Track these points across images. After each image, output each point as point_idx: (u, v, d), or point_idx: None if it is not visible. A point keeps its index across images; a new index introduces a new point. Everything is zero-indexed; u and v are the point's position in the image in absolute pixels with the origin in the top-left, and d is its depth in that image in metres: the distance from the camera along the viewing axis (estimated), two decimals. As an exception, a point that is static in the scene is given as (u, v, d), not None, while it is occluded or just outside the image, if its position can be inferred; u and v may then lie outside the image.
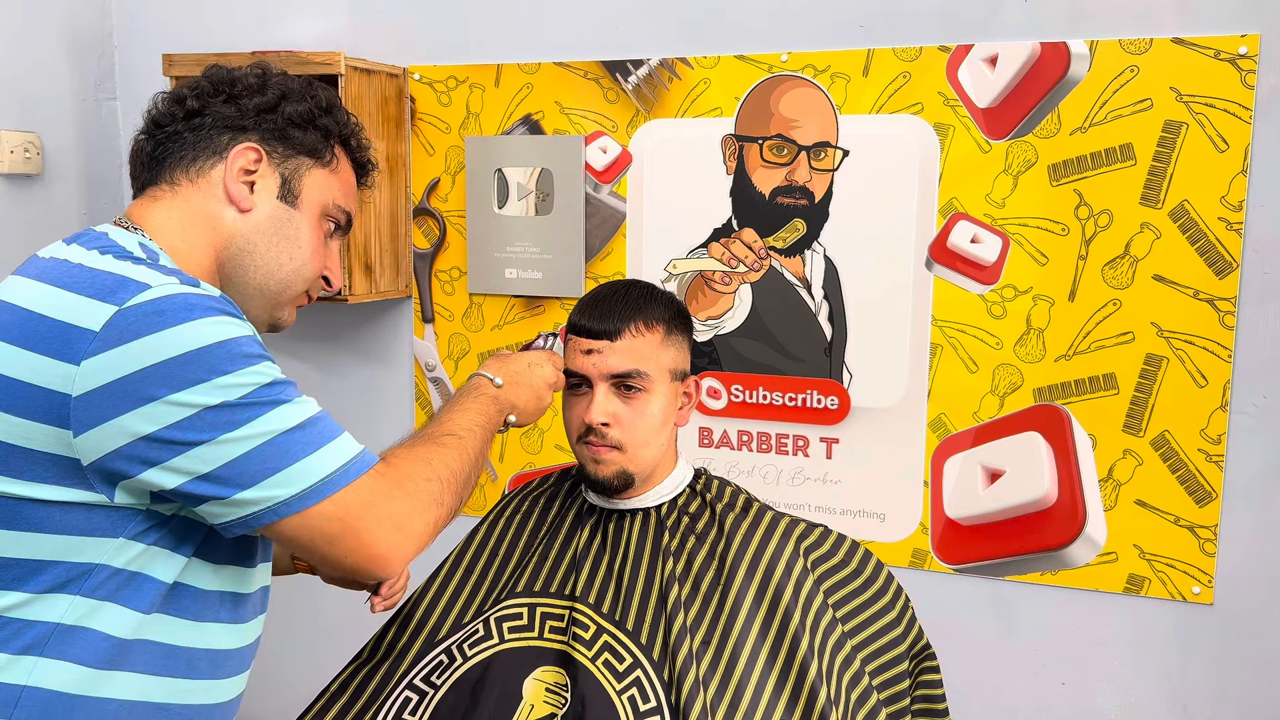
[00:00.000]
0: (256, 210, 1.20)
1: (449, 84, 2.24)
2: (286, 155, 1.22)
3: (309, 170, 1.23)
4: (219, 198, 1.19)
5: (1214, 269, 1.80)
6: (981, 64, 1.89)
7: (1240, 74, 1.75)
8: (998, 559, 1.96)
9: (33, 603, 1.03)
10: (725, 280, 2.09)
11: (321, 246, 1.26)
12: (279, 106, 1.21)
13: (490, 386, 1.33)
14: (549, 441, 2.25)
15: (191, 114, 1.20)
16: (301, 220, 1.23)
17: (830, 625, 1.36)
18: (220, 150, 1.19)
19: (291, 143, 1.22)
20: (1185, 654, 1.90)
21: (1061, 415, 1.90)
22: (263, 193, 1.20)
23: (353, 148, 1.30)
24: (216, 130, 1.20)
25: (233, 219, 1.19)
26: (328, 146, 1.25)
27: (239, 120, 1.20)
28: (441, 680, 1.34)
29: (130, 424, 0.99)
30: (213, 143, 1.19)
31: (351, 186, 1.30)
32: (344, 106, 1.29)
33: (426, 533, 1.14)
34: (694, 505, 1.43)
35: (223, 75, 1.24)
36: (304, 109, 1.22)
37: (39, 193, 2.35)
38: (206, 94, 1.21)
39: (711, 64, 2.05)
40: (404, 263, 2.31)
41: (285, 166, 1.22)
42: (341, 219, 1.28)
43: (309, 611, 2.52)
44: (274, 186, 1.21)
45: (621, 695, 1.28)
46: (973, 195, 1.92)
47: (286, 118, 1.21)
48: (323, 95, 1.26)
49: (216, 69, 1.26)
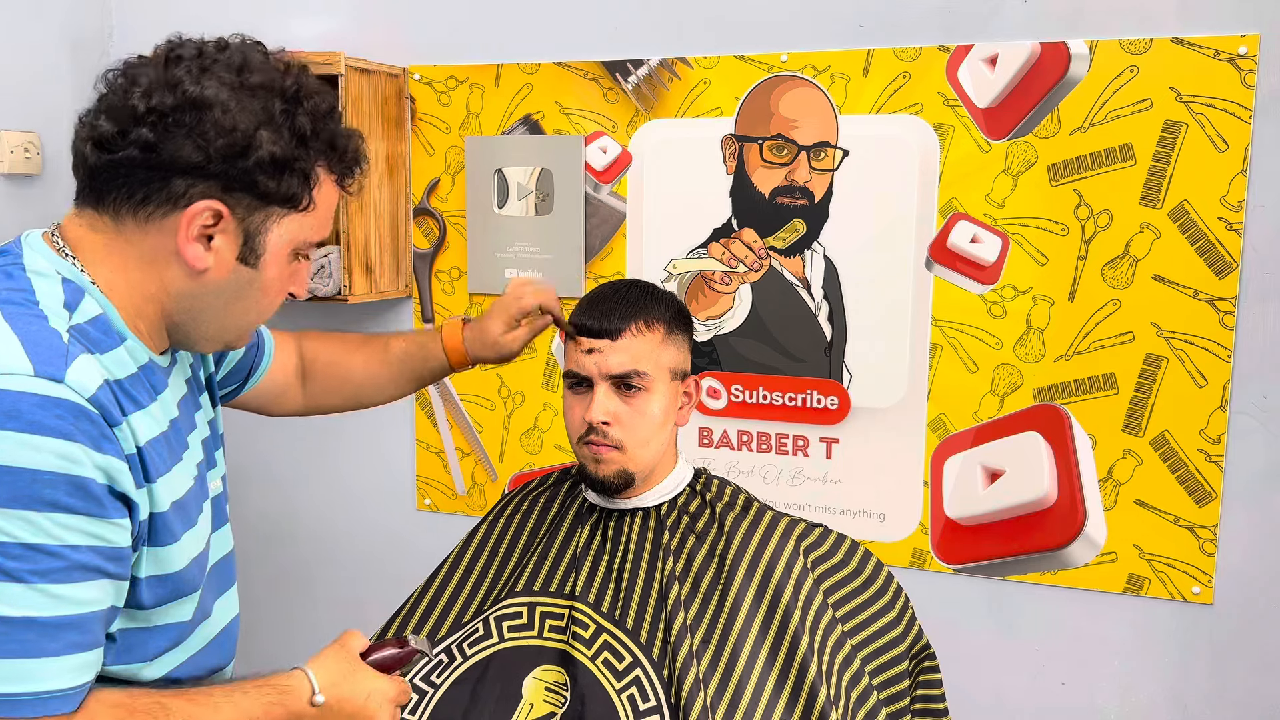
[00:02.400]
0: (212, 272, 1.03)
1: (449, 84, 2.25)
2: (253, 209, 1.02)
3: (279, 220, 1.05)
4: (169, 249, 1.02)
5: (1214, 269, 1.80)
6: (981, 64, 1.89)
7: (1240, 74, 1.75)
8: (998, 559, 1.96)
9: None
10: (725, 280, 2.09)
11: (285, 282, 1.10)
12: (249, 150, 0.99)
13: (304, 697, 1.08)
14: (549, 441, 2.25)
15: (147, 146, 0.98)
16: (262, 278, 1.07)
17: (830, 625, 1.36)
18: (175, 199, 1.00)
19: (260, 193, 1.02)
20: (1185, 654, 1.90)
21: (1061, 415, 1.90)
22: (222, 250, 1.03)
23: (344, 162, 1.10)
24: (174, 173, 0.99)
25: (183, 277, 1.03)
26: (306, 190, 1.05)
27: (201, 164, 0.99)
28: (441, 679, 1.34)
29: None
30: (168, 187, 0.99)
31: (331, 207, 1.11)
32: (338, 111, 1.10)
33: None
34: (694, 505, 1.43)
35: (191, 94, 0.99)
36: (281, 151, 1.01)
37: (39, 193, 2.35)
38: (166, 117, 0.98)
39: (711, 64, 2.06)
40: (404, 263, 2.31)
41: (250, 222, 1.03)
42: (314, 249, 1.12)
43: (308, 612, 2.52)
44: (234, 245, 1.03)
45: (621, 694, 1.28)
46: (973, 195, 1.92)
47: (257, 163, 1.00)
48: (312, 106, 1.05)
49: (182, 67, 1.01)
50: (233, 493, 1.34)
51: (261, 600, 2.50)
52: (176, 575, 1.08)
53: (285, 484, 2.50)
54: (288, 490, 2.50)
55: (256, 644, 2.29)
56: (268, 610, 2.51)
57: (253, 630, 2.31)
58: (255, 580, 2.46)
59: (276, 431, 2.45)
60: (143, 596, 1.05)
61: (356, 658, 1.16)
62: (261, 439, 2.46)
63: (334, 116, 1.08)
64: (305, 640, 2.46)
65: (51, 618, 0.92)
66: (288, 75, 1.05)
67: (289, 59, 1.09)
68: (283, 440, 2.47)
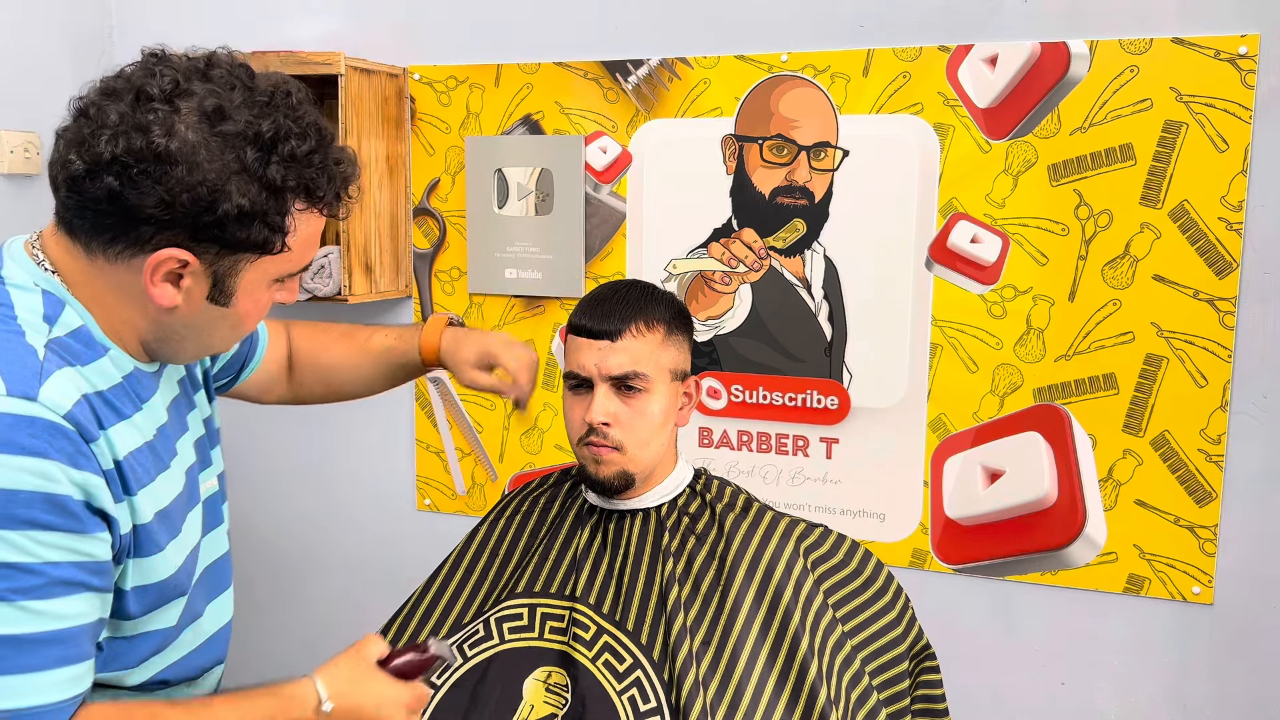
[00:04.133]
0: (181, 309, 1.03)
1: (449, 84, 2.24)
2: (221, 255, 1.00)
3: (250, 265, 1.03)
4: (139, 285, 1.01)
5: (1214, 269, 1.80)
6: (981, 64, 1.89)
7: (1240, 74, 1.75)
8: (998, 559, 1.96)
9: None
10: (725, 280, 2.09)
11: (264, 306, 1.09)
12: (215, 204, 0.96)
13: (310, 704, 1.07)
14: (549, 441, 2.25)
15: (112, 194, 0.96)
16: (236, 313, 1.06)
17: (830, 625, 1.36)
18: (141, 243, 0.98)
19: (229, 243, 0.99)
20: (1185, 654, 1.90)
21: (1061, 415, 1.90)
22: (192, 290, 1.02)
23: (323, 200, 1.05)
24: (139, 221, 0.97)
25: (155, 310, 1.03)
26: (279, 236, 1.01)
27: (166, 217, 0.96)
28: (442, 681, 1.34)
29: None
30: (135, 232, 0.98)
31: (312, 235, 1.07)
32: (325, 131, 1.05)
33: None
34: (694, 505, 1.43)
35: (157, 146, 0.94)
36: (249, 203, 0.97)
37: (39, 193, 2.35)
38: (131, 169, 0.95)
39: (711, 64, 2.05)
40: (404, 263, 2.31)
41: (219, 266, 1.01)
42: (296, 277, 1.10)
43: (307, 612, 2.52)
44: (204, 287, 1.02)
45: (622, 695, 1.28)
46: (973, 195, 1.92)
47: (224, 216, 0.97)
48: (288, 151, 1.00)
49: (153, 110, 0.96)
50: (231, 493, 1.33)
51: (260, 601, 2.51)
52: (163, 583, 1.08)
53: (285, 484, 2.50)
54: (287, 490, 2.50)
55: (255, 645, 2.29)
56: (267, 611, 2.52)
57: (252, 631, 2.31)
58: (254, 581, 2.47)
59: (276, 431, 2.45)
60: (129, 607, 1.05)
61: (371, 664, 1.13)
62: (261, 439, 2.46)
63: (316, 155, 1.03)
64: (304, 641, 2.46)
65: (36, 634, 0.92)
66: (266, 114, 1.00)
67: (277, 80, 1.04)
68: (282, 440, 2.47)
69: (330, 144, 1.05)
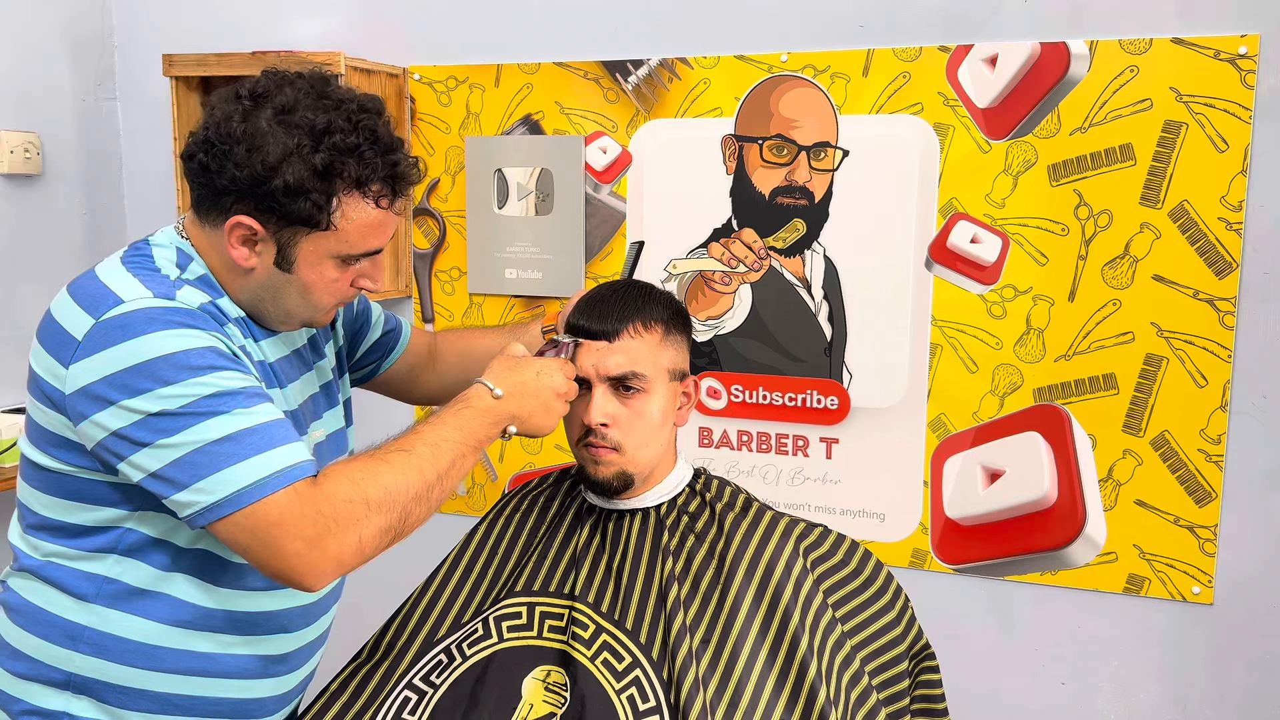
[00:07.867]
0: (256, 271, 1.25)
1: (449, 84, 2.25)
2: (280, 226, 1.21)
3: (305, 237, 1.22)
4: (228, 247, 1.24)
5: (1214, 269, 1.80)
6: (981, 64, 1.89)
7: (1240, 74, 1.75)
8: (998, 559, 1.96)
9: (87, 559, 1.23)
10: (725, 280, 2.09)
11: (331, 284, 1.27)
12: (270, 178, 1.18)
13: (486, 397, 1.30)
14: (549, 441, 2.25)
15: (203, 168, 1.21)
16: (300, 281, 1.25)
17: (830, 625, 1.36)
18: (222, 211, 1.22)
19: (284, 213, 1.20)
20: (1185, 654, 1.90)
21: (1061, 415, 1.90)
22: (263, 256, 1.24)
23: (369, 188, 1.23)
24: (220, 191, 1.21)
25: (242, 272, 1.26)
26: (324, 214, 1.21)
27: (235, 187, 1.20)
28: (441, 680, 1.34)
29: (102, 420, 1.14)
30: (218, 202, 1.22)
31: (367, 223, 1.25)
32: (380, 134, 1.24)
33: (348, 552, 1.15)
34: (693, 505, 1.43)
35: (234, 129, 1.19)
36: (295, 180, 1.18)
37: (39, 193, 2.35)
38: (214, 146, 1.20)
39: (711, 64, 2.06)
40: (404, 263, 2.31)
41: (280, 236, 1.22)
42: (357, 259, 1.27)
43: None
44: (271, 253, 1.23)
45: (621, 695, 1.28)
46: (972, 195, 1.92)
47: (276, 189, 1.18)
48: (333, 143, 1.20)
49: (240, 103, 1.21)
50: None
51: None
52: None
53: (285, 484, 2.49)
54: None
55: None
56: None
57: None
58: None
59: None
60: None
61: (517, 356, 1.36)
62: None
63: (366, 151, 1.21)
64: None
65: (264, 422, 1.14)
66: (325, 112, 1.21)
67: (350, 93, 1.25)
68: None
69: (384, 145, 1.24)
